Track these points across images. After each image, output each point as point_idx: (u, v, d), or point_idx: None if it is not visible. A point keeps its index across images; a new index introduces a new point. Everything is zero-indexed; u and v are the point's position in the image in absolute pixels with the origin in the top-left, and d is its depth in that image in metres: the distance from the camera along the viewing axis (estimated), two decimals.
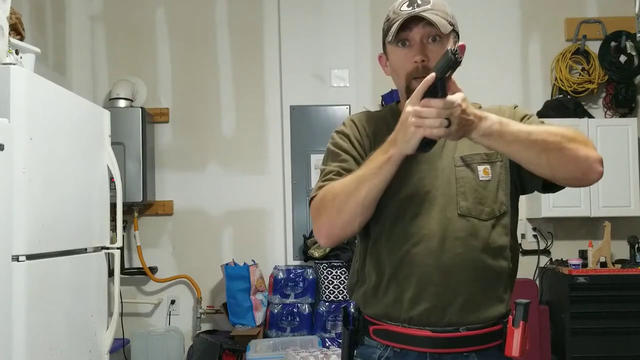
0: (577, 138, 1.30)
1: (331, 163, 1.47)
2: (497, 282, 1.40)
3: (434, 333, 1.37)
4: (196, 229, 4.18)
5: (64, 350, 2.28)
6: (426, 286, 1.37)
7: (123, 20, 4.28)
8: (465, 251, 1.37)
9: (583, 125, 3.96)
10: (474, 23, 4.24)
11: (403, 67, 1.43)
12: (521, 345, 1.36)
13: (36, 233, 2.10)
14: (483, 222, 1.38)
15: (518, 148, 1.27)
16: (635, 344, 3.63)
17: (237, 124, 4.24)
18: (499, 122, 1.26)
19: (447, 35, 1.42)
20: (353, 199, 1.33)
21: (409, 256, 1.38)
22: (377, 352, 1.43)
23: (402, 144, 1.25)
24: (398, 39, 1.41)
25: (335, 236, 1.41)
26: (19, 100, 2.03)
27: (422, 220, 1.38)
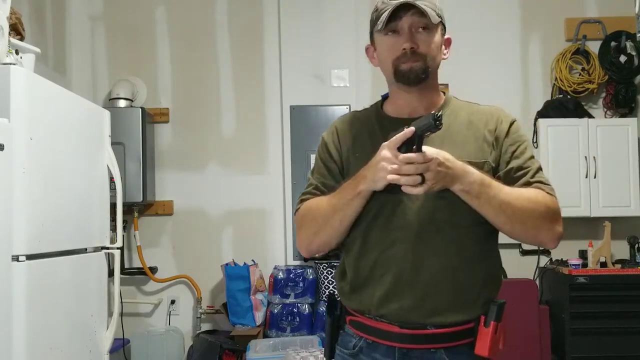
0: (546, 214, 1.41)
1: (314, 175, 1.57)
2: (470, 287, 1.43)
3: (402, 329, 1.41)
4: (196, 229, 4.18)
5: (64, 350, 2.28)
6: (397, 287, 1.41)
7: (123, 20, 4.28)
8: (438, 255, 1.41)
9: (583, 125, 3.96)
10: (474, 23, 4.25)
11: (391, 54, 1.46)
12: (491, 345, 1.38)
13: (36, 233, 2.10)
14: (459, 227, 1.42)
15: (488, 211, 1.37)
16: (635, 344, 3.62)
17: (237, 124, 4.24)
18: (480, 182, 1.34)
19: (436, 26, 1.46)
20: (328, 225, 1.45)
21: (383, 258, 1.43)
22: (352, 341, 1.50)
23: (370, 182, 1.34)
24: (388, 28, 1.44)
25: (314, 251, 1.53)
26: (19, 100, 2.03)
27: (399, 223, 1.42)
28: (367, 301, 1.45)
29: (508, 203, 1.35)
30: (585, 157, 3.94)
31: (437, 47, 1.48)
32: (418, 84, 1.47)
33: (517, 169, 1.45)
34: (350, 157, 1.51)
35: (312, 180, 1.56)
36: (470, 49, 4.22)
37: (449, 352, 1.41)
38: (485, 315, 1.41)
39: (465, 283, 1.42)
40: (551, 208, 1.42)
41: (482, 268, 1.46)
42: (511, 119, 1.52)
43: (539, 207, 1.40)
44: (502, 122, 1.49)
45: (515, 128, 1.51)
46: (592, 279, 3.67)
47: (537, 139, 4.03)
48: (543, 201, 1.41)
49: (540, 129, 4.00)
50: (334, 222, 1.44)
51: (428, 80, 1.49)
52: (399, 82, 1.48)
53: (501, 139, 1.48)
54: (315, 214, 1.48)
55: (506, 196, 1.36)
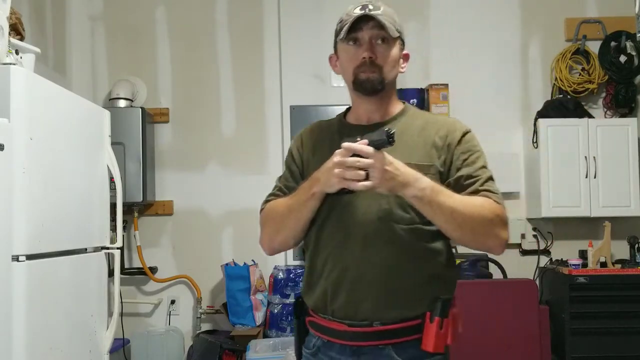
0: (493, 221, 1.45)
1: (280, 178, 1.70)
2: (413, 285, 1.49)
3: (350, 327, 1.49)
4: (196, 229, 4.18)
5: (64, 350, 2.28)
6: (343, 283, 1.50)
7: (123, 20, 4.28)
8: (383, 254, 1.48)
9: (583, 125, 3.96)
10: (474, 23, 4.26)
11: (352, 63, 1.55)
12: (436, 340, 1.44)
13: (36, 233, 2.10)
14: (403, 227, 1.48)
15: (438, 218, 1.43)
16: (635, 344, 3.62)
17: (237, 124, 4.24)
18: (431, 188, 1.40)
19: (394, 40, 1.55)
20: (285, 226, 1.57)
21: (332, 256, 1.52)
22: (312, 341, 1.59)
23: (324, 185, 1.43)
24: (349, 37, 1.54)
25: (275, 250, 1.66)
26: (19, 100, 2.03)
27: (347, 221, 1.51)
28: (318, 297, 1.54)
29: (458, 210, 1.41)
30: (585, 157, 3.94)
31: (395, 59, 1.57)
32: (374, 94, 1.56)
33: (467, 177, 1.51)
34: (310, 161, 1.61)
35: (277, 183, 1.70)
36: (470, 49, 4.23)
37: (396, 348, 1.48)
38: (430, 312, 1.46)
39: (408, 281, 1.48)
40: (498, 215, 1.47)
41: (427, 267, 1.50)
42: (466, 129, 1.60)
43: (487, 214, 1.45)
44: (455, 130, 1.57)
45: (468, 138, 1.58)
46: (592, 279, 3.67)
47: (537, 139, 4.02)
48: (490, 208, 1.46)
49: (540, 129, 3.99)
50: (290, 222, 1.55)
51: (384, 91, 1.57)
52: (356, 90, 1.57)
53: (453, 145, 1.55)
54: (274, 214, 1.60)
55: (456, 203, 1.42)
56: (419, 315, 1.47)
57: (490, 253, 1.54)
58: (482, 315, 3.32)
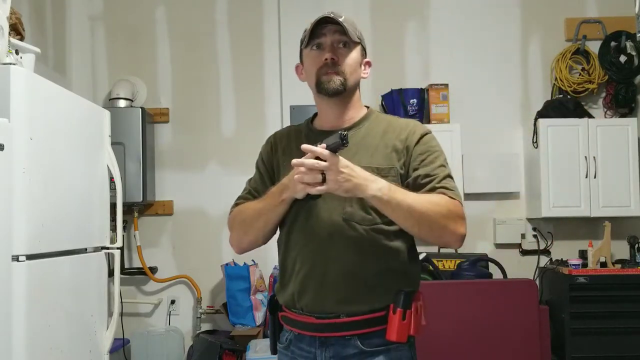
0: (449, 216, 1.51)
1: (250, 181, 1.79)
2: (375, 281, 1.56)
3: (317, 319, 1.58)
4: (196, 229, 4.18)
5: (64, 350, 2.28)
6: (310, 280, 1.58)
7: (123, 20, 4.28)
8: (345, 252, 1.56)
9: (583, 125, 3.96)
10: (474, 23, 4.26)
11: (315, 65, 1.63)
12: (399, 330, 1.53)
13: (36, 233, 2.10)
14: (365, 227, 1.56)
15: (398, 216, 1.49)
16: (635, 344, 3.62)
17: (237, 124, 4.24)
18: (388, 188, 1.46)
19: (355, 45, 1.65)
20: (254, 228, 1.66)
21: (300, 255, 1.61)
22: (285, 335, 1.69)
23: (292, 192, 1.51)
24: (313, 43, 1.63)
25: (244, 249, 1.75)
26: (19, 100, 2.03)
27: (313, 222, 1.59)
28: (289, 295, 1.62)
29: (414, 207, 1.47)
30: (585, 157, 3.94)
31: (356, 63, 1.65)
32: (336, 96, 1.62)
33: (425, 176, 1.57)
34: (280, 165, 1.69)
35: (247, 186, 1.79)
36: (470, 49, 4.23)
37: (362, 338, 1.56)
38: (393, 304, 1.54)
39: (371, 277, 1.56)
40: (453, 211, 1.52)
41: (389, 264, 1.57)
42: (425, 130, 1.65)
43: (442, 209, 1.50)
44: (414, 132, 1.63)
45: (427, 139, 1.63)
46: (592, 279, 3.67)
47: (537, 139, 4.03)
48: (446, 205, 1.51)
49: (540, 129, 3.99)
50: (259, 225, 1.64)
51: (347, 94, 1.64)
52: (319, 93, 1.64)
53: (411, 147, 1.61)
54: (244, 217, 1.69)
55: (412, 201, 1.48)
56: (383, 307, 1.55)
57: (449, 247, 1.61)
58: (482, 315, 3.33)
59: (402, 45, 4.24)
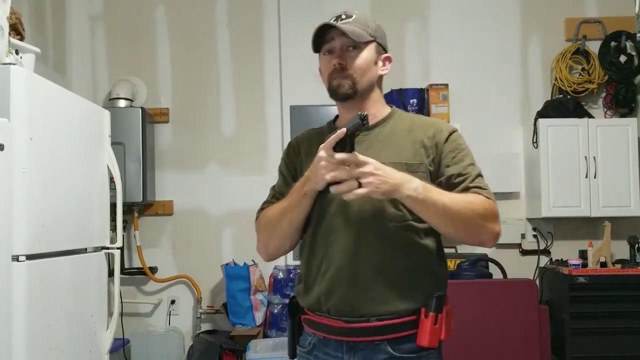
0: (485, 215, 1.50)
1: (275, 185, 1.75)
2: (406, 280, 1.53)
3: (347, 323, 1.53)
4: (196, 229, 4.18)
5: (64, 350, 2.28)
6: (339, 282, 1.53)
7: (123, 20, 4.28)
8: (375, 251, 1.52)
9: (583, 125, 3.96)
10: (474, 23, 4.26)
11: (326, 71, 1.63)
12: (430, 335, 1.49)
13: (36, 233, 2.10)
14: (395, 224, 1.53)
15: (433, 216, 1.47)
16: (635, 344, 3.62)
17: (237, 124, 4.24)
18: (423, 187, 1.43)
19: (366, 45, 1.61)
20: (279, 228, 1.60)
21: (327, 255, 1.56)
22: (307, 339, 1.63)
23: (313, 183, 1.47)
24: (324, 49, 1.63)
25: (271, 255, 1.68)
26: (19, 100, 2.03)
27: (341, 220, 1.55)
28: (315, 297, 1.57)
29: (450, 207, 1.45)
30: (585, 157, 3.94)
31: (367, 64, 1.61)
32: (346, 100, 1.61)
33: (457, 175, 1.55)
34: (304, 166, 1.63)
35: (271, 192, 1.75)
36: (470, 49, 4.23)
37: (392, 343, 1.52)
38: (425, 308, 1.51)
39: (402, 278, 1.52)
40: (489, 210, 1.51)
41: (420, 264, 1.55)
42: (452, 128, 1.64)
43: (479, 209, 1.49)
44: (441, 130, 1.62)
45: (454, 137, 1.62)
46: (592, 279, 3.67)
47: (537, 139, 4.02)
48: (481, 204, 1.50)
49: (540, 129, 3.99)
50: (284, 224, 1.58)
51: (361, 96, 1.62)
52: (332, 97, 1.65)
53: (440, 144, 1.59)
54: (268, 219, 1.64)
55: (448, 200, 1.46)
56: (414, 311, 1.51)
57: (483, 247, 1.59)
58: (482, 315, 3.32)
59: (402, 45, 4.24)
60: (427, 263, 1.56)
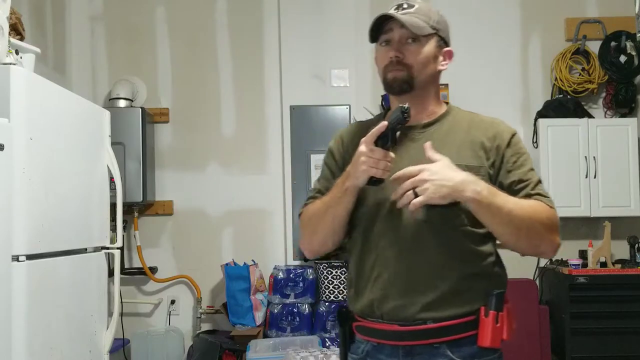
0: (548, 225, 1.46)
1: (319, 180, 1.67)
2: (462, 285, 1.46)
3: (402, 327, 1.45)
4: (196, 229, 4.18)
5: (64, 350, 2.28)
6: (393, 287, 1.46)
7: (123, 20, 4.28)
8: (431, 255, 1.45)
9: (583, 125, 3.96)
10: (474, 23, 4.25)
11: (382, 62, 1.55)
12: (493, 334, 1.42)
13: (36, 233, 2.10)
14: (454, 228, 1.46)
15: (496, 222, 1.41)
16: (635, 344, 3.62)
17: (237, 124, 4.25)
18: (488, 191, 1.38)
19: (427, 38, 1.52)
20: (322, 225, 1.54)
21: (380, 258, 1.49)
22: (360, 347, 1.55)
23: (353, 178, 1.42)
24: (382, 39, 1.55)
25: (315, 252, 1.62)
26: (19, 100, 2.03)
27: (395, 225, 1.48)
28: (367, 302, 1.50)
29: (515, 213, 1.39)
30: (585, 157, 3.94)
31: (427, 57, 1.52)
32: (401, 94, 1.52)
33: (519, 181, 1.48)
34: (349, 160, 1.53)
35: (316, 185, 1.66)
36: (470, 49, 4.22)
37: (451, 345, 1.44)
38: (485, 306, 1.44)
39: (458, 283, 1.45)
40: (552, 220, 1.47)
41: (477, 268, 1.48)
42: (513, 130, 1.56)
43: (542, 218, 1.44)
44: (503, 132, 1.53)
45: (516, 140, 1.54)
46: (592, 279, 3.67)
47: (537, 139, 4.03)
48: (546, 213, 1.45)
49: (540, 129, 3.99)
50: (327, 220, 1.52)
51: (416, 91, 1.53)
52: (386, 91, 1.57)
53: (502, 148, 1.51)
54: (311, 215, 1.57)
55: (514, 206, 1.40)
56: (472, 311, 1.45)
57: (542, 257, 1.52)
58: None
59: None
60: (485, 268, 1.49)
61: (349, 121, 4.07)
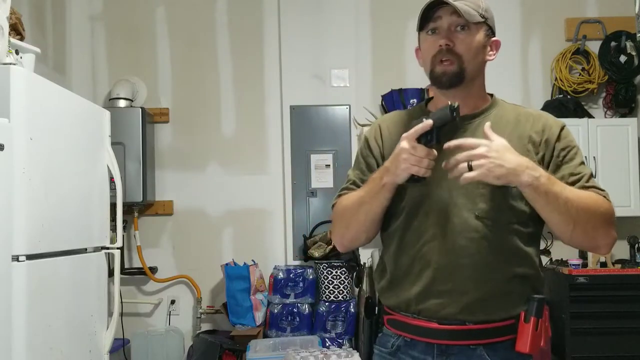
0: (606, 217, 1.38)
1: (354, 170, 1.60)
2: (507, 285, 1.42)
3: (441, 325, 1.41)
4: (196, 229, 4.18)
5: (64, 350, 2.28)
6: (436, 283, 1.42)
7: (123, 20, 4.28)
8: (477, 253, 1.40)
9: (583, 125, 3.96)
10: None
11: (430, 52, 1.47)
12: (532, 341, 1.37)
13: (36, 233, 2.10)
14: (500, 226, 1.41)
15: (553, 211, 1.34)
16: (635, 344, 3.62)
17: (237, 124, 4.25)
18: (547, 177, 1.32)
19: (477, 26, 1.48)
20: (355, 220, 1.48)
21: (421, 253, 1.44)
22: (390, 341, 1.51)
23: (393, 175, 1.36)
24: (429, 27, 1.48)
25: (346, 246, 1.57)
26: (19, 100, 2.03)
27: (438, 218, 1.43)
28: (405, 297, 1.46)
29: (572, 203, 1.33)
30: (585, 157, 3.94)
31: (477, 47, 1.48)
32: (450, 88, 1.47)
33: (571, 174, 1.44)
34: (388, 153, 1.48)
35: (351, 176, 1.59)
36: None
37: (488, 348, 1.41)
38: (525, 312, 1.40)
39: (502, 283, 1.41)
40: (610, 212, 1.40)
41: (520, 269, 1.44)
42: (562, 123, 1.51)
43: (600, 209, 1.38)
44: (551, 125, 1.49)
45: (565, 133, 1.49)
46: (592, 279, 3.66)
47: None
48: (604, 205, 1.39)
49: None
50: (360, 216, 1.46)
51: (465, 83, 1.48)
52: (433, 84, 1.50)
53: (552, 142, 1.46)
54: (344, 209, 1.51)
55: (571, 195, 1.34)
56: (513, 316, 1.41)
57: (596, 253, 1.47)
58: None
59: (403, 46, 4.23)
60: (530, 270, 1.45)
61: (349, 121, 4.07)
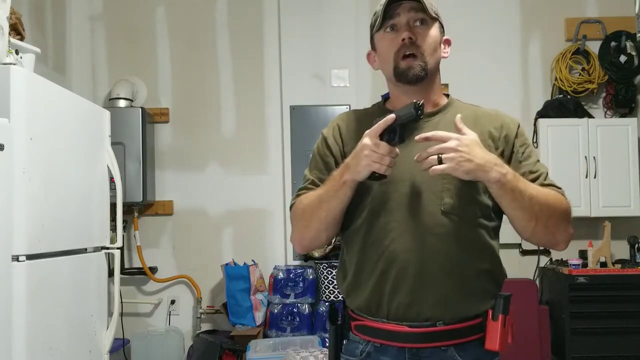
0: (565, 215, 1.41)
1: (311, 170, 1.57)
2: (475, 281, 1.43)
3: (411, 328, 1.39)
4: (196, 229, 4.18)
5: (64, 350, 2.28)
6: (403, 281, 1.39)
7: (123, 20, 4.28)
8: (443, 248, 1.39)
9: (583, 125, 3.96)
10: (474, 23, 4.25)
11: (391, 48, 1.47)
12: (501, 338, 1.38)
13: (36, 233, 2.10)
14: (466, 220, 1.41)
15: (517, 207, 1.36)
16: (635, 344, 3.63)
17: (237, 124, 4.25)
18: (512, 173, 1.34)
19: (433, 22, 1.50)
20: (316, 218, 1.44)
21: (388, 251, 1.41)
22: (359, 347, 1.47)
23: (354, 172, 1.34)
24: (387, 25, 1.48)
25: (306, 247, 1.54)
26: (19, 100, 2.03)
27: (403, 214, 1.41)
28: (370, 298, 1.43)
29: (536, 200, 1.35)
30: (585, 157, 3.94)
31: (435, 42, 1.50)
32: (417, 83, 1.47)
33: (530, 172, 1.45)
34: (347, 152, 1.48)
35: (308, 176, 1.57)
36: (470, 49, 4.22)
37: (459, 348, 1.41)
38: (492, 309, 1.41)
39: (469, 278, 1.42)
40: (569, 210, 1.43)
41: (485, 264, 1.45)
42: (517, 121, 1.53)
43: (562, 206, 1.41)
44: (509, 123, 1.51)
45: (522, 131, 1.52)
46: (592, 279, 3.67)
47: (537, 139, 4.03)
48: (564, 202, 1.42)
49: (540, 129, 4.00)
50: (321, 214, 1.43)
51: (427, 80, 1.49)
52: (398, 81, 1.49)
53: (511, 138, 1.48)
54: (304, 208, 1.47)
55: (534, 191, 1.36)
56: (480, 313, 1.42)
57: (555, 249, 1.48)
58: None
59: None
60: (494, 265, 1.47)
61: None
